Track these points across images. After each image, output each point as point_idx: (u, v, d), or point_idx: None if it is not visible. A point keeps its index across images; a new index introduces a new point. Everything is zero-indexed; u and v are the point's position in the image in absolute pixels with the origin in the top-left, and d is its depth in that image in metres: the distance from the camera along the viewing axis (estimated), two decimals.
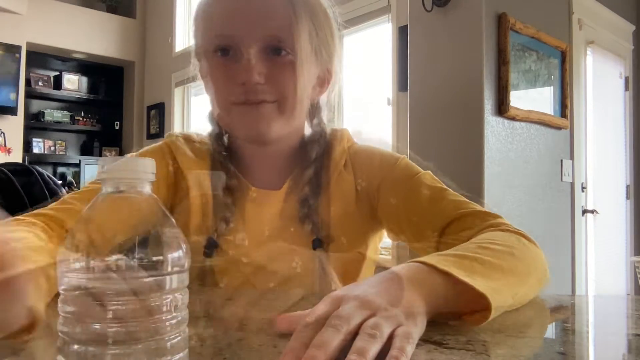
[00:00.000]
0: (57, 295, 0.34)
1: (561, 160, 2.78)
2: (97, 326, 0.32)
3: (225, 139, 0.85)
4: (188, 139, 0.84)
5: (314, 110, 0.84)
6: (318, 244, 0.78)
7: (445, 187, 0.80)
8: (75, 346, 0.32)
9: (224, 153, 0.82)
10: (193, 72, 0.83)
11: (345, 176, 0.83)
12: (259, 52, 0.72)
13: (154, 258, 0.33)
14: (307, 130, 0.86)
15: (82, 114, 5.75)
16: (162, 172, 0.79)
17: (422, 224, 0.77)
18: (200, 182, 0.79)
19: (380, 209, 0.82)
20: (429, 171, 0.83)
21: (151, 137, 5.43)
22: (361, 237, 0.84)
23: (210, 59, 0.75)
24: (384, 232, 0.89)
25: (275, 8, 0.72)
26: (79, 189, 0.81)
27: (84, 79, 5.74)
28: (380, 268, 0.72)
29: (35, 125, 5.36)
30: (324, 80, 0.83)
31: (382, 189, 0.82)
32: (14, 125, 4.83)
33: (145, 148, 0.86)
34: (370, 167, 0.83)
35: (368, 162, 0.84)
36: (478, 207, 0.77)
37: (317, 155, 0.82)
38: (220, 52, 0.74)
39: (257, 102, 0.73)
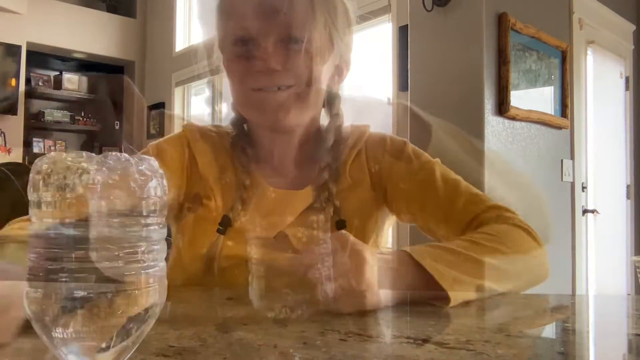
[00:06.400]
0: None
1: (561, 160, 2.78)
2: None
3: (246, 127, 0.87)
4: (204, 131, 0.87)
5: (333, 100, 0.86)
6: (342, 225, 0.80)
7: (457, 177, 0.83)
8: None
9: (242, 145, 0.84)
10: (217, 63, 0.86)
11: (360, 160, 0.85)
12: (276, 42, 0.75)
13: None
14: (325, 120, 0.88)
15: (82, 114, 5.75)
16: (179, 160, 0.83)
17: (438, 214, 0.80)
18: (221, 170, 0.83)
19: (390, 192, 0.84)
20: (438, 159, 0.85)
21: (151, 137, 5.42)
22: (374, 221, 0.85)
23: (231, 49, 0.79)
24: (392, 221, 0.90)
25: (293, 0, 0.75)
26: None
27: (84, 79, 5.74)
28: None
29: (35, 125, 5.36)
30: (342, 70, 0.85)
31: (394, 173, 0.84)
32: (14, 125, 4.83)
33: (165, 137, 0.89)
34: (383, 151, 0.86)
35: (379, 146, 0.86)
36: (491, 202, 0.79)
37: (334, 144, 0.84)
38: (241, 43, 0.77)
39: (274, 89, 0.75)
